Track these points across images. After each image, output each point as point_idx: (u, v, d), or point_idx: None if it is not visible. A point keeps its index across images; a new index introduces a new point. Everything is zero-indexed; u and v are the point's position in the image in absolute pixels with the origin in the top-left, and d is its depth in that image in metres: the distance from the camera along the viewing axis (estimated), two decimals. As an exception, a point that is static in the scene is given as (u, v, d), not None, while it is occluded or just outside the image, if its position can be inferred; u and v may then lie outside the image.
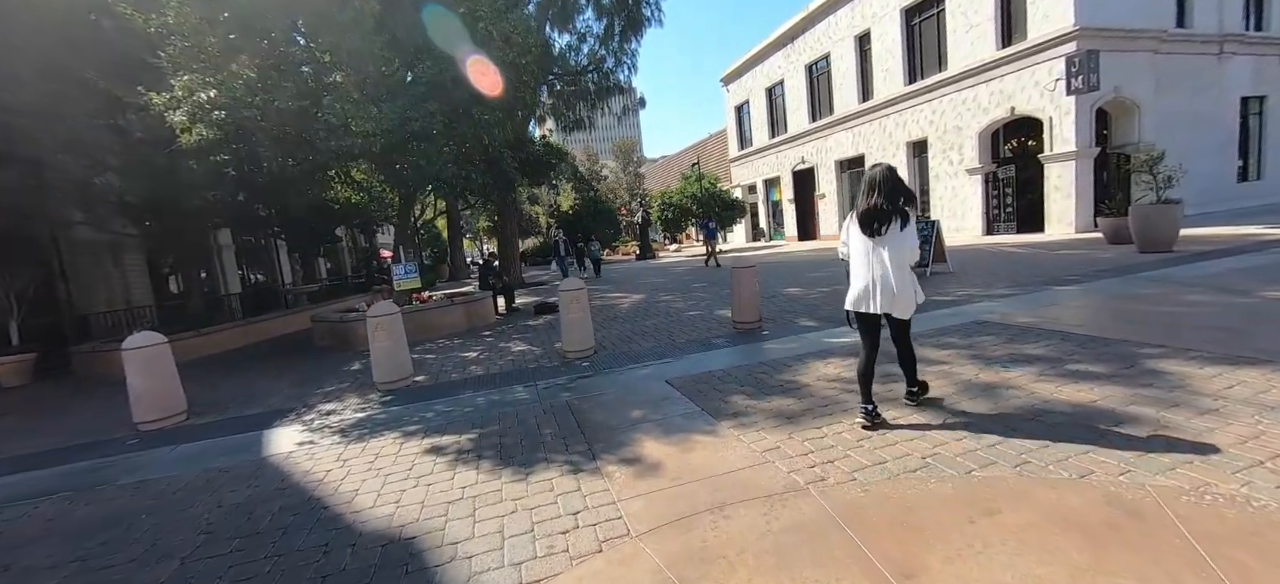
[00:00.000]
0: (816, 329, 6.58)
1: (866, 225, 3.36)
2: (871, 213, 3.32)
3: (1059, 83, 14.93)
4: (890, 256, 3.32)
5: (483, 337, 8.81)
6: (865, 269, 3.41)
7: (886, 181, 3.33)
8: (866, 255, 3.40)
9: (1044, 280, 8.28)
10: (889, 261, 3.32)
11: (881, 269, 3.34)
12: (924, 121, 19.45)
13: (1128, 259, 9.64)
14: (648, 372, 5.47)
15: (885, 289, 3.34)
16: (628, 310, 9.84)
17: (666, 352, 6.28)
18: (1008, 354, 4.72)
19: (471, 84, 7.44)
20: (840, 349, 5.49)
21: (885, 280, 3.33)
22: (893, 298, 3.35)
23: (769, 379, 4.76)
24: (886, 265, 3.33)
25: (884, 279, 3.33)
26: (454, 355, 7.47)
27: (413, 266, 9.65)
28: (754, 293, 6.97)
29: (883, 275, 3.34)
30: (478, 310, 9.90)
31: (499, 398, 5.15)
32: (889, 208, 3.29)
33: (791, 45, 25.86)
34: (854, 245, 3.50)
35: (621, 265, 25.62)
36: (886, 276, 3.33)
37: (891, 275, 3.32)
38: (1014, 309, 6.45)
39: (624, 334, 7.62)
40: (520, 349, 7.38)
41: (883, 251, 3.34)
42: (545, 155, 12.08)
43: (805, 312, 7.85)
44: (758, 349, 5.93)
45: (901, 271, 3.35)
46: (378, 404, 5.48)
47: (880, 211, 3.30)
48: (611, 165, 56.41)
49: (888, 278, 3.33)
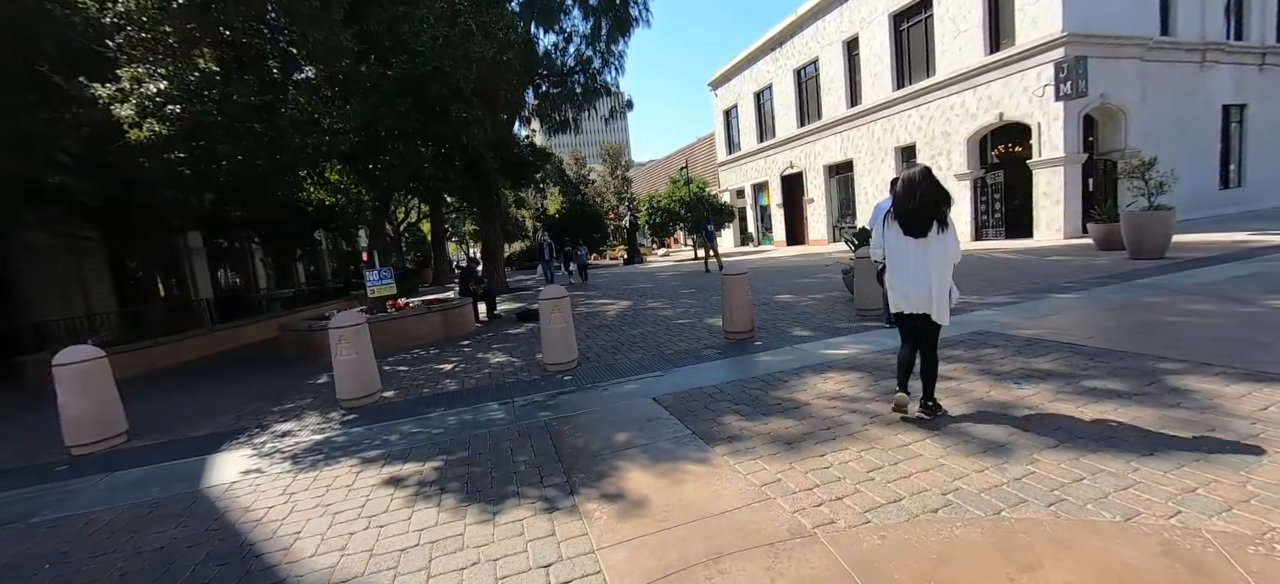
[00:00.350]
0: (811, 339, 6.26)
1: (910, 227, 3.35)
2: (916, 215, 3.31)
3: (1047, 89, 14.90)
4: (933, 259, 3.32)
5: (460, 346, 8.35)
6: (907, 271, 3.42)
7: (927, 183, 3.32)
8: (908, 257, 3.40)
9: (1040, 287, 8.07)
10: (932, 264, 3.33)
11: (924, 271, 3.35)
12: (912, 127, 19.39)
13: (1121, 266, 9.50)
14: (634, 387, 5.09)
15: (927, 292, 3.35)
16: (614, 318, 9.46)
17: (654, 364, 5.90)
18: (1018, 369, 4.42)
19: (450, 80, 7.02)
20: (839, 363, 5.16)
21: (928, 283, 3.34)
22: (933, 301, 3.35)
23: (765, 396, 4.41)
24: (929, 267, 3.33)
25: (926, 281, 3.34)
26: (428, 367, 7.01)
27: (388, 272, 9.16)
28: (746, 301, 6.64)
29: (925, 278, 3.34)
30: (457, 318, 9.44)
31: (471, 417, 4.73)
32: (933, 210, 3.29)
33: (779, 50, 25.76)
34: (894, 247, 3.49)
35: (609, 270, 25.24)
36: (929, 279, 3.33)
37: (933, 278, 3.33)
38: (1016, 319, 6.19)
39: (609, 344, 7.24)
40: (499, 360, 6.95)
41: (925, 253, 3.33)
42: (529, 157, 11.61)
43: (798, 320, 7.53)
44: (751, 362, 5.58)
45: (943, 274, 3.35)
46: (339, 424, 5.02)
47: (924, 214, 3.29)
48: (599, 169, 56.06)
49: (929, 280, 3.33)
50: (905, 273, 3.42)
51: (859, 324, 6.90)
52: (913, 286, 3.39)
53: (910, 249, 3.37)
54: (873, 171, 21.38)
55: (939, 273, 3.32)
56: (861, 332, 6.41)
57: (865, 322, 6.97)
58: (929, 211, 3.28)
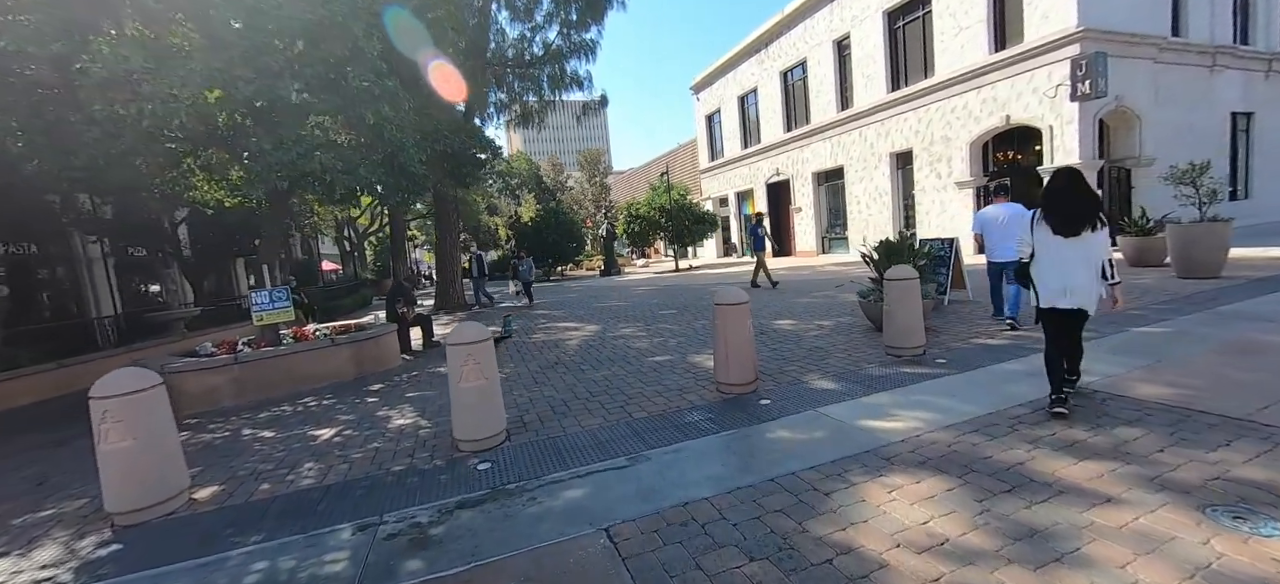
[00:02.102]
0: (839, 396, 4.44)
1: (1063, 227, 3.51)
2: (1073, 216, 3.48)
3: (1061, 88, 13.60)
4: (1087, 256, 3.50)
5: (366, 394, 6.31)
6: (1063, 267, 3.56)
7: (1081, 183, 3.54)
8: (1063, 255, 3.54)
9: (1107, 319, 6.43)
10: (1086, 261, 3.51)
11: (1078, 267, 3.52)
12: (909, 131, 18.02)
13: (1175, 286, 8.05)
14: (580, 496, 3.18)
15: (1081, 286, 3.52)
16: (575, 352, 7.53)
17: (617, 439, 4.01)
18: (1210, 477, 2.66)
19: (347, 33, 5.08)
20: (899, 450, 3.35)
21: (1081, 278, 3.52)
22: (1086, 295, 3.53)
23: (799, 536, 2.55)
24: (1084, 264, 3.51)
25: (1080, 277, 3.52)
26: (298, 434, 4.97)
27: (283, 293, 7.08)
28: (747, 343, 4.80)
29: (1080, 274, 3.51)
30: (372, 351, 7.39)
31: (293, 564, 2.76)
32: (1088, 211, 3.45)
33: (765, 51, 24.35)
34: (1047, 245, 3.61)
35: (583, 283, 23.25)
36: (1083, 275, 3.51)
37: (1086, 273, 3.51)
38: (1114, 368, 4.49)
39: (560, 397, 5.32)
40: (401, 425, 4.96)
41: (1079, 251, 3.50)
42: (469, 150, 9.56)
43: (812, 362, 5.73)
44: (761, 443, 3.73)
45: (1094, 269, 3.52)
46: (91, 551, 3.00)
47: (1081, 215, 3.45)
48: (577, 176, 54.14)
49: (1083, 276, 3.51)
50: (1061, 270, 3.56)
51: (895, 368, 5.14)
52: (1070, 282, 3.53)
53: (1065, 248, 3.53)
54: (865, 178, 19.96)
55: (1091, 269, 3.52)
56: (906, 383, 4.63)
57: (902, 364, 5.22)
58: (1085, 213, 3.45)
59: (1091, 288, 3.51)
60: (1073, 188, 3.50)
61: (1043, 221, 3.61)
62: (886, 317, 5.73)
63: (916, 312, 5.56)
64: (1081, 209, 3.44)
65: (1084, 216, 3.44)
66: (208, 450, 4.76)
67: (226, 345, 7.15)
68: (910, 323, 5.54)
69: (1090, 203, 3.46)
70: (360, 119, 5.82)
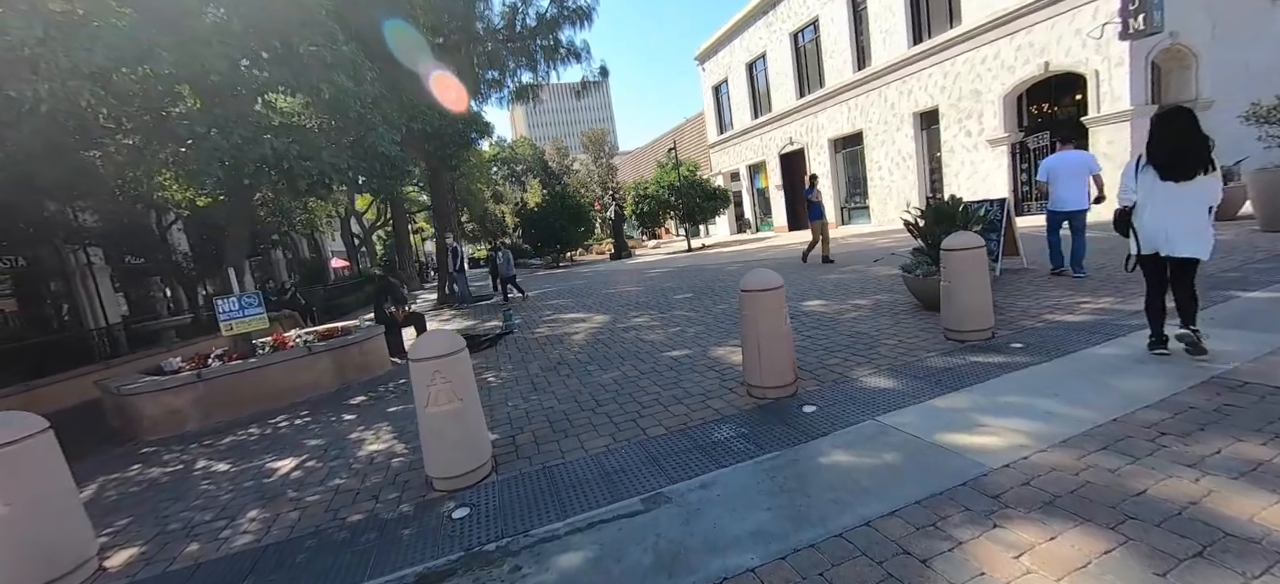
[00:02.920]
0: (901, 400, 3.57)
1: (1177, 170, 3.34)
2: (1188, 157, 3.31)
3: (1108, 27, 12.26)
4: (1201, 198, 3.34)
5: (343, 409, 5.57)
6: (1174, 214, 3.38)
7: (1193, 122, 3.33)
8: (1171, 200, 3.38)
9: (1207, 283, 5.43)
10: (1199, 204, 3.34)
11: (1192, 212, 3.35)
12: (934, 87, 16.71)
13: (1268, 243, 7.01)
14: (577, 569, 2.37)
15: (1191, 230, 3.36)
16: (581, 349, 6.73)
17: (629, 469, 3.20)
18: None
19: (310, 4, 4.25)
20: (1003, 477, 2.48)
21: (1193, 222, 3.35)
22: (1201, 240, 3.36)
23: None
24: (1198, 208, 3.34)
25: (1195, 221, 3.35)
26: (249, 468, 4.23)
27: (255, 298, 6.35)
28: (784, 336, 3.93)
29: (1194, 218, 3.35)
30: (357, 358, 6.65)
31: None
32: (1201, 153, 3.28)
33: (773, 11, 22.93)
34: (1151, 190, 3.45)
35: (593, 267, 22.42)
36: (1197, 219, 3.35)
37: (1201, 217, 3.35)
38: (1238, 345, 3.56)
39: (558, 412, 4.50)
40: (373, 451, 4.19)
41: (1193, 194, 3.33)
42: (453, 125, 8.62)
43: (857, 353, 4.85)
44: (815, 473, 2.88)
45: (1205, 213, 3.36)
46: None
47: (1193, 156, 3.29)
48: (582, 158, 52.95)
49: (1198, 220, 3.35)
50: (1175, 215, 3.38)
51: (963, 356, 4.24)
52: (1184, 227, 3.36)
53: (1172, 192, 3.37)
54: (887, 142, 18.71)
55: (1202, 213, 3.34)
56: (982, 377, 3.74)
57: (968, 351, 4.31)
58: (1199, 154, 3.29)
59: (1206, 232, 3.37)
60: (1185, 128, 3.33)
61: (1149, 167, 3.45)
62: (945, 294, 4.81)
63: (983, 287, 4.63)
64: (1195, 150, 3.28)
65: (1198, 158, 3.29)
66: (146, 493, 4.05)
67: (197, 359, 6.46)
68: (976, 301, 4.62)
69: (1203, 143, 3.30)
70: (317, 94, 4.98)
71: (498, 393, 5.28)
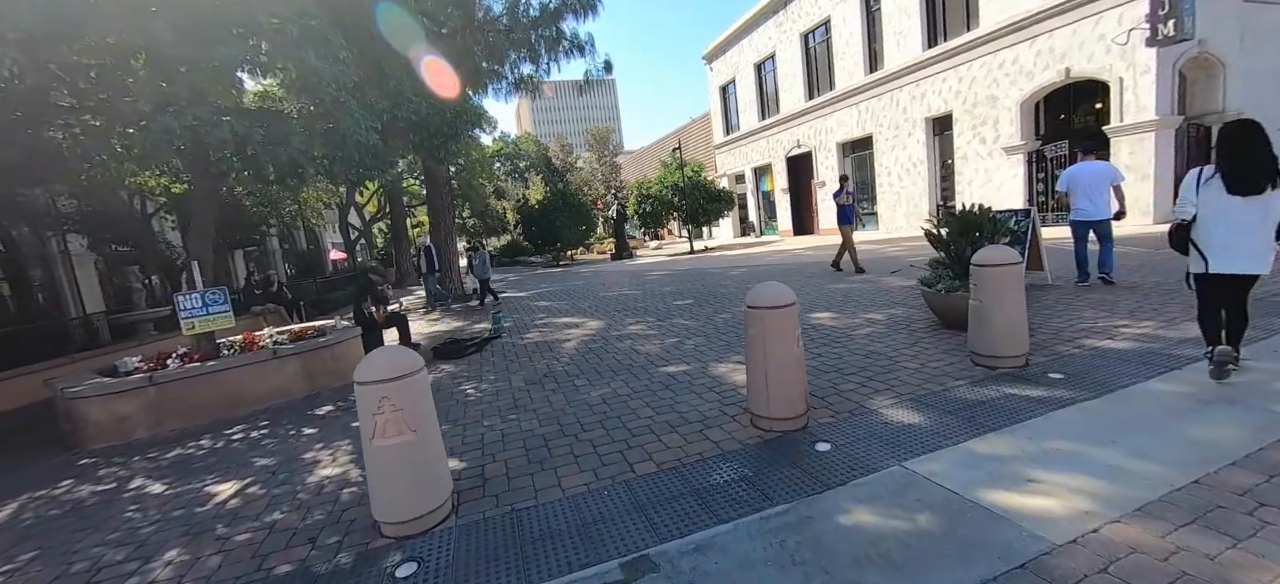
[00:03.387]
0: (929, 435, 3.07)
1: (1240, 185, 3.22)
2: (1259, 170, 3.19)
3: (1134, 33, 11.71)
4: (1266, 214, 3.23)
5: (305, 421, 5.09)
6: (1239, 229, 3.27)
7: (1261, 135, 3.20)
8: (1235, 215, 3.26)
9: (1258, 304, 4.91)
10: (1265, 220, 3.24)
11: (1257, 229, 3.25)
12: (948, 92, 16.18)
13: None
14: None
15: (1258, 249, 3.27)
16: (570, 359, 6.23)
17: (608, 518, 2.71)
18: None
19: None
20: (1070, 558, 1.98)
21: (1259, 241, 3.26)
22: (1262, 257, 3.27)
23: None
24: (1262, 224, 3.24)
25: (1258, 239, 3.26)
26: (185, 492, 3.73)
27: (219, 295, 5.88)
28: (796, 361, 3.43)
29: (1258, 236, 3.25)
30: (329, 362, 6.16)
31: None
32: (1272, 167, 3.17)
33: (783, 11, 22.41)
34: (1215, 204, 3.32)
35: (593, 267, 21.92)
36: (1260, 237, 3.26)
37: (1265, 236, 3.26)
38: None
39: (536, 437, 4.00)
40: (324, 477, 3.70)
41: (1259, 210, 3.23)
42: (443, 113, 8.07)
43: (873, 374, 4.35)
44: (833, 538, 2.39)
45: (1272, 230, 3.26)
46: None
47: (1266, 169, 3.17)
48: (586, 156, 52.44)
49: (1260, 238, 3.26)
50: (1240, 231, 3.26)
51: (996, 387, 3.74)
52: (1247, 244, 3.26)
53: (1238, 207, 3.24)
54: (897, 147, 18.18)
55: (1268, 230, 3.24)
56: (1023, 414, 3.24)
57: (1001, 381, 3.81)
58: (1267, 168, 3.17)
59: (1268, 250, 3.31)
60: (1257, 141, 3.20)
61: (1214, 179, 3.31)
62: (974, 314, 4.30)
63: (1019, 308, 4.13)
64: (1264, 164, 3.17)
65: (1266, 172, 3.18)
66: (64, 519, 3.56)
67: (156, 359, 5.99)
68: (1011, 323, 4.11)
69: (1272, 157, 3.19)
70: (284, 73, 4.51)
71: (474, 409, 4.79)
